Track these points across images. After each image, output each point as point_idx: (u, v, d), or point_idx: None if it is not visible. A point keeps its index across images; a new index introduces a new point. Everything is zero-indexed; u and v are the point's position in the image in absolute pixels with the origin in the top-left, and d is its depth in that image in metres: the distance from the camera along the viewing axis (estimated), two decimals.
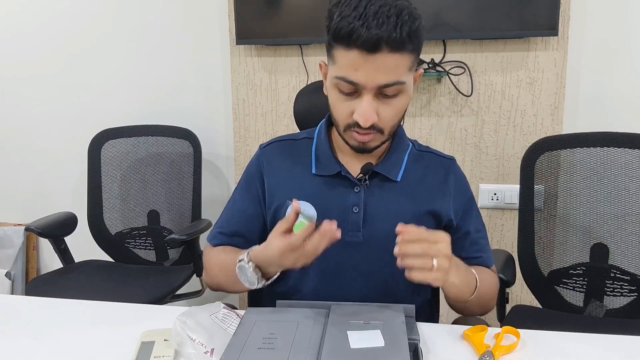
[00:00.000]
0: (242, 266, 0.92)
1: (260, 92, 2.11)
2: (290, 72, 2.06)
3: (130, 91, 2.24)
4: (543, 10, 1.76)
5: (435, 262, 0.81)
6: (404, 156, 1.04)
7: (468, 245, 1.06)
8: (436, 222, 1.03)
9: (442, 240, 0.84)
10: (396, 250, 0.82)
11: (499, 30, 1.82)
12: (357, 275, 1.01)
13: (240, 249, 1.04)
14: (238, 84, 2.12)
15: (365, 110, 0.88)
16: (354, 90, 0.89)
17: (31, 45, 2.29)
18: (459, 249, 1.05)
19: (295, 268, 0.88)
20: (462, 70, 1.91)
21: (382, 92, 0.88)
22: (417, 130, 2.00)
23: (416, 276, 0.82)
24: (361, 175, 1.00)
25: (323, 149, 1.04)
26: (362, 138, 0.93)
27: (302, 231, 0.84)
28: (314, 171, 1.02)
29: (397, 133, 1.04)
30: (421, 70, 0.98)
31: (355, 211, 0.99)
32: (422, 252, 0.82)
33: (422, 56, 1.89)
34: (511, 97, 1.92)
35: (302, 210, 0.92)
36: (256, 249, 0.93)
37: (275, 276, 0.94)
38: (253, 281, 0.92)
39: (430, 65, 1.90)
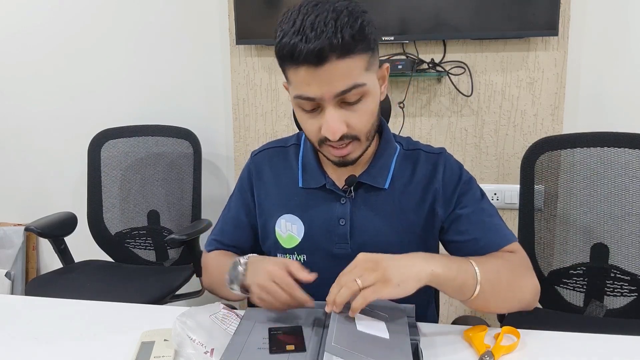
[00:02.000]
0: (237, 263, 0.91)
1: (260, 92, 2.11)
2: None
3: (130, 91, 2.24)
4: (543, 10, 1.77)
5: (358, 281, 0.76)
6: (391, 161, 1.00)
7: (466, 226, 0.97)
8: (425, 228, 0.99)
9: (359, 260, 0.80)
10: (328, 309, 0.78)
11: (499, 30, 1.82)
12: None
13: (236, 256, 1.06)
14: (238, 84, 2.12)
15: (330, 124, 0.84)
16: (316, 106, 0.86)
17: (31, 45, 2.29)
18: (456, 234, 0.98)
19: (255, 295, 0.85)
20: (462, 70, 1.91)
21: (343, 100, 0.84)
22: (417, 130, 2.00)
23: (360, 303, 0.76)
24: (346, 186, 0.98)
25: (309, 159, 1.02)
26: (340, 152, 0.89)
27: (298, 295, 0.82)
28: (300, 184, 1.01)
29: (383, 137, 1.01)
30: (386, 65, 0.93)
31: (342, 224, 0.98)
32: (337, 289, 0.78)
33: (422, 56, 1.91)
34: (511, 97, 1.92)
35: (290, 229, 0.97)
36: (259, 256, 0.93)
37: (244, 296, 0.92)
38: (234, 280, 0.90)
39: (430, 65, 1.90)
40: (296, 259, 1.00)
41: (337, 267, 0.97)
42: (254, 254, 0.94)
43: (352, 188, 0.98)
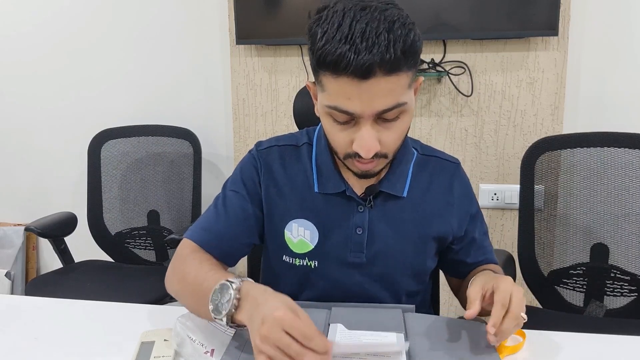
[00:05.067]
0: (226, 287, 0.75)
1: (260, 92, 2.11)
2: (290, 72, 2.06)
3: (130, 91, 2.24)
4: (543, 10, 1.76)
5: (524, 315, 0.79)
6: (408, 167, 0.98)
7: (475, 251, 1.03)
8: (440, 240, 1.00)
9: (515, 291, 0.79)
10: (492, 339, 0.78)
11: (499, 30, 1.82)
12: (357, 295, 0.97)
13: (222, 268, 0.92)
14: (238, 84, 2.12)
15: (365, 142, 0.80)
16: (350, 119, 0.81)
17: (31, 44, 2.29)
18: (465, 255, 1.03)
19: (258, 346, 0.67)
20: (462, 70, 1.91)
21: (381, 117, 0.80)
22: (417, 130, 2.00)
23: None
24: (364, 195, 0.95)
25: (324, 161, 0.96)
26: (365, 167, 0.86)
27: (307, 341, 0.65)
28: (316, 189, 0.96)
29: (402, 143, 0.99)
30: (421, 78, 0.90)
31: (358, 232, 0.95)
32: (517, 322, 0.78)
33: (422, 56, 1.90)
34: (511, 97, 1.92)
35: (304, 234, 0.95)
36: (253, 284, 0.77)
37: (236, 329, 0.79)
38: (221, 309, 0.74)
39: (430, 65, 1.90)
40: (307, 264, 0.97)
41: (349, 275, 0.96)
42: (249, 279, 0.78)
43: (371, 197, 0.95)
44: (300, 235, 0.97)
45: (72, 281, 1.80)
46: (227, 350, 0.79)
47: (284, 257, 0.99)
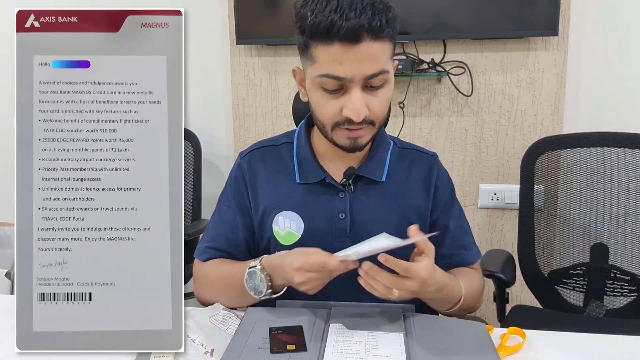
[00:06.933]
0: (253, 272, 0.90)
1: (260, 92, 2.11)
2: (290, 72, 2.05)
3: None
4: (543, 10, 1.77)
5: (396, 292, 0.81)
6: (386, 155, 1.04)
7: (448, 241, 1.04)
8: (422, 222, 1.01)
9: (416, 277, 0.81)
10: (362, 272, 0.81)
11: (499, 30, 1.82)
12: (347, 280, 0.96)
13: (239, 260, 1.02)
14: (238, 84, 2.12)
15: (356, 105, 0.87)
16: (340, 87, 0.88)
17: None
18: (437, 245, 0.99)
19: (302, 289, 0.85)
20: (462, 70, 1.91)
21: (368, 84, 0.88)
22: (417, 130, 2.00)
23: (374, 293, 0.83)
24: (345, 180, 1.00)
25: (304, 155, 1.03)
26: (354, 134, 0.91)
27: (331, 258, 0.82)
28: (297, 180, 1.01)
29: (377, 132, 1.02)
30: (396, 62, 0.97)
31: (341, 217, 0.99)
32: (387, 285, 0.81)
33: (422, 56, 1.91)
34: (511, 97, 1.92)
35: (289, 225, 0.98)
36: (269, 257, 0.92)
37: (282, 291, 0.91)
38: (261, 289, 0.89)
39: (430, 65, 1.90)
40: None
41: None
42: (264, 256, 0.93)
43: (350, 181, 0.99)
44: (287, 227, 1.00)
45: None
46: (227, 350, 0.79)
47: (275, 251, 1.00)
